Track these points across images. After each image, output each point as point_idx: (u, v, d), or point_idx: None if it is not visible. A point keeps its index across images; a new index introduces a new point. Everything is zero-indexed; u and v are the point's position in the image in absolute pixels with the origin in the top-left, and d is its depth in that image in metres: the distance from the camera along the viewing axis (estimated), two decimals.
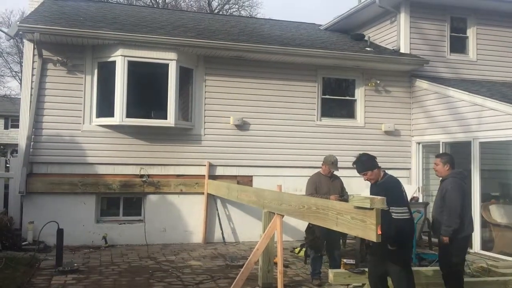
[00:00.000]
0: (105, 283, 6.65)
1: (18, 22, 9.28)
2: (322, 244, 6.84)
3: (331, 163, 7.02)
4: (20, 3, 54.01)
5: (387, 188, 4.95)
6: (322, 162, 7.16)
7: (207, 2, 32.87)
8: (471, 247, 9.08)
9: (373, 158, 5.23)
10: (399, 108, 11.17)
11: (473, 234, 8.97)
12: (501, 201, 9.47)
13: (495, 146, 9.27)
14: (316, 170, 10.51)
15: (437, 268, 6.27)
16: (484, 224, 9.16)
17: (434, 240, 9.73)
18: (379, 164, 5.25)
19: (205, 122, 10.05)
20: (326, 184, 6.98)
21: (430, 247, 9.15)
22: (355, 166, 5.28)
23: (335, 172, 7.16)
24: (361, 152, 5.45)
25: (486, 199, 9.26)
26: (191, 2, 33.03)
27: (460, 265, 5.68)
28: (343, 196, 6.91)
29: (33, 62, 9.29)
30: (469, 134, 9.32)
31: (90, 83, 9.47)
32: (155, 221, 9.63)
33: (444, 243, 5.62)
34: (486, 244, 9.05)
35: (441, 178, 5.94)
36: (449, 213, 5.56)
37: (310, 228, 6.81)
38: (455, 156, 10.02)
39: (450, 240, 5.54)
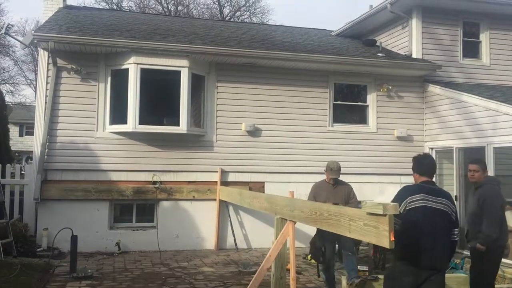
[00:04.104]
0: None
1: (33, 31, 9.42)
2: (326, 256, 6.58)
3: (330, 169, 6.70)
4: (34, 12, 54.99)
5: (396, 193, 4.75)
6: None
7: (218, 9, 33.11)
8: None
9: (415, 161, 4.73)
10: (412, 114, 11.11)
11: None
12: None
13: (509, 151, 9.16)
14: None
15: (462, 274, 6.26)
16: None
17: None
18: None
19: (217, 129, 10.09)
20: (326, 191, 6.69)
21: None
22: None
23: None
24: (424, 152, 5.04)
25: None
26: (203, 10, 33.34)
27: (492, 274, 5.52)
28: (347, 204, 6.54)
29: (48, 70, 9.42)
30: (483, 139, 9.23)
31: (104, 90, 9.57)
32: (168, 227, 9.66)
33: (479, 251, 5.41)
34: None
35: (475, 185, 5.70)
36: (489, 221, 5.34)
37: (313, 241, 6.66)
38: (468, 162, 9.94)
39: (486, 249, 5.35)
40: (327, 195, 6.61)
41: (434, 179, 4.63)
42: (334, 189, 6.75)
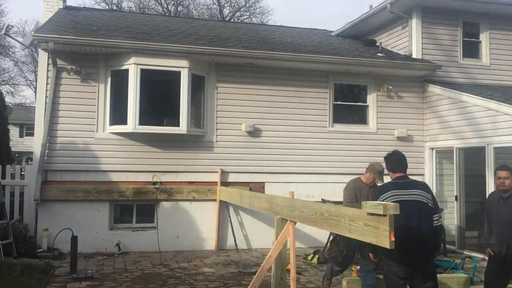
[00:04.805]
0: None
1: (33, 32, 9.41)
2: (347, 259, 6.29)
3: (378, 172, 6.21)
4: (34, 13, 55.01)
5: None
6: (366, 169, 6.45)
7: (218, 9, 33.12)
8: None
9: (385, 160, 4.96)
10: (412, 114, 11.11)
11: None
12: None
13: (510, 151, 9.16)
14: (329, 177, 10.51)
15: (463, 274, 6.27)
16: None
17: (450, 247, 9.69)
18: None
19: (217, 129, 10.09)
20: (366, 193, 6.23)
21: (444, 254, 9.06)
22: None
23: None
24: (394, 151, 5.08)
25: None
26: (203, 10, 33.35)
27: None
28: None
29: (48, 71, 9.42)
30: (483, 139, 9.23)
31: (104, 91, 9.57)
32: (168, 228, 9.66)
33: None
34: None
35: (505, 193, 5.44)
36: None
37: (336, 240, 6.29)
38: (468, 162, 9.98)
39: None
40: (367, 197, 6.13)
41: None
42: (371, 192, 6.22)
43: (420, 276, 4.53)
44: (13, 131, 31.95)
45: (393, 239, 3.81)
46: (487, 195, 8.89)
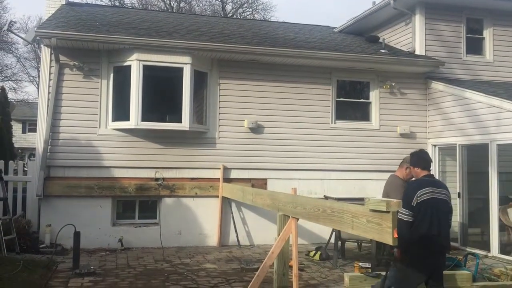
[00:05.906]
0: (121, 285, 6.69)
1: (35, 28, 9.42)
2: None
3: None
4: (37, 9, 55.04)
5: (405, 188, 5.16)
6: (403, 164, 6.19)
7: (221, 6, 33.07)
8: (489, 251, 8.97)
9: (415, 157, 5.15)
10: (415, 111, 11.08)
11: (491, 237, 8.93)
12: None
13: None
14: (331, 173, 10.48)
15: (465, 271, 6.29)
16: (502, 227, 9.04)
17: (452, 244, 9.67)
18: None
19: (219, 126, 10.08)
20: None
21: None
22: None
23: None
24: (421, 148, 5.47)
25: (504, 202, 9.14)
26: (205, 6, 33.30)
27: None
28: None
29: (50, 67, 9.41)
30: (487, 136, 9.21)
31: (106, 87, 9.57)
32: (170, 224, 9.67)
33: None
34: (505, 248, 8.92)
35: None
36: None
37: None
38: (471, 159, 9.96)
39: None
40: None
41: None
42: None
43: (439, 271, 4.77)
44: (16, 127, 32.09)
45: (396, 236, 3.81)
46: (490, 192, 8.93)
